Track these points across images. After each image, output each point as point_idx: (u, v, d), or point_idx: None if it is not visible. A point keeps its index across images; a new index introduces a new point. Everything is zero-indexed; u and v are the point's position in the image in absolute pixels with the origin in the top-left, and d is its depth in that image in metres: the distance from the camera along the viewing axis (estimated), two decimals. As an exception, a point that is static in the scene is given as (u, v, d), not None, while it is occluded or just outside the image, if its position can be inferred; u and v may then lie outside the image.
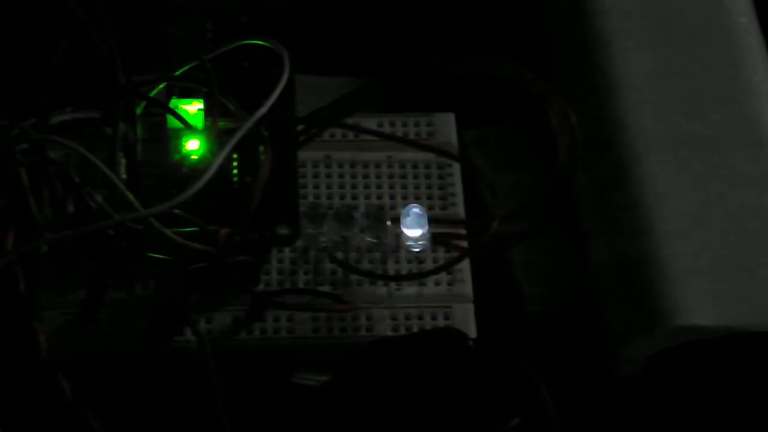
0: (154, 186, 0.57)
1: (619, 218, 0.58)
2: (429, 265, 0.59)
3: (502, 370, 0.55)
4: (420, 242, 0.58)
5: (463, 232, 0.60)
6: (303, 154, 0.60)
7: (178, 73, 0.58)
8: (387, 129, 0.62)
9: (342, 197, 0.61)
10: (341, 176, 0.61)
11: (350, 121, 0.61)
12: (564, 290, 0.60)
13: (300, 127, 0.59)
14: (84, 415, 0.53)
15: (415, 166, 0.62)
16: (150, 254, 0.56)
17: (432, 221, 0.58)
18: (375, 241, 0.58)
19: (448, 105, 0.63)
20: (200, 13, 0.61)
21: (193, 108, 0.58)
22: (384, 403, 0.54)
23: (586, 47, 0.61)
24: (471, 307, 0.59)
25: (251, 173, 0.57)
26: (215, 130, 0.57)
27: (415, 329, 0.58)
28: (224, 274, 0.55)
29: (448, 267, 0.58)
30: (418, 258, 0.59)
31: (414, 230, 0.58)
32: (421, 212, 0.58)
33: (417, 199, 0.60)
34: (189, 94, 0.59)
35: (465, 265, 0.59)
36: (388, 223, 0.58)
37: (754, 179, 0.58)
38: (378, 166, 0.61)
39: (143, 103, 0.58)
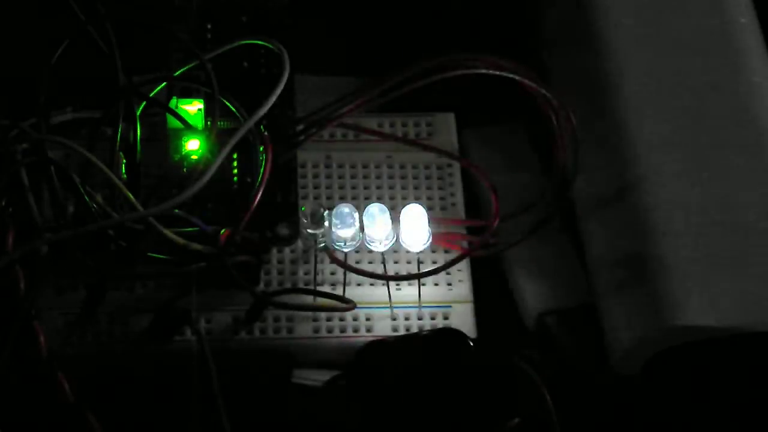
0: (154, 186, 0.57)
1: (618, 218, 0.58)
2: (429, 265, 0.59)
3: (502, 370, 0.55)
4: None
5: (463, 232, 0.61)
6: (303, 154, 0.60)
7: (178, 73, 0.58)
8: (387, 129, 0.62)
9: (342, 197, 0.61)
10: (341, 176, 0.61)
11: (350, 121, 0.61)
12: (564, 290, 0.60)
13: (300, 127, 0.59)
14: (84, 415, 0.53)
15: (415, 166, 0.62)
16: (150, 254, 0.56)
17: (432, 221, 0.58)
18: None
19: (448, 105, 0.63)
20: (200, 13, 0.61)
21: (193, 108, 0.58)
22: (384, 403, 0.54)
23: (586, 47, 0.61)
24: (471, 307, 0.59)
25: (251, 173, 0.57)
26: (215, 130, 0.57)
27: (415, 329, 0.58)
28: (224, 274, 0.55)
29: (448, 267, 0.58)
30: (419, 258, 0.59)
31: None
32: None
33: (417, 199, 0.60)
34: (189, 94, 0.59)
35: (465, 265, 0.59)
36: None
37: (754, 179, 0.58)
38: (378, 166, 0.61)
39: (143, 103, 0.58)
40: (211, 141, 0.57)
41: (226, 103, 0.58)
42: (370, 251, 0.58)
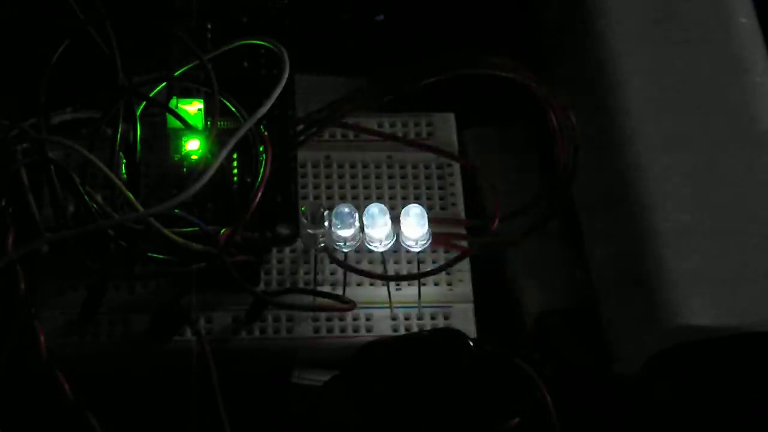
0: (154, 186, 0.57)
1: (619, 218, 0.58)
2: (429, 265, 0.59)
3: (501, 370, 0.55)
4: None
5: (463, 232, 0.61)
6: (303, 154, 0.60)
7: (178, 73, 0.58)
8: (387, 129, 0.62)
9: (342, 197, 0.61)
10: (341, 176, 0.61)
11: (350, 121, 0.61)
12: (564, 290, 0.60)
13: (300, 127, 0.59)
14: (84, 415, 0.53)
15: (415, 166, 0.62)
16: (150, 254, 0.56)
17: (432, 221, 0.58)
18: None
19: (448, 105, 0.63)
20: (200, 13, 0.61)
21: (193, 108, 0.58)
22: (384, 403, 0.54)
23: (586, 47, 0.61)
24: (471, 307, 0.59)
25: (251, 173, 0.57)
26: (215, 130, 0.57)
27: (415, 329, 0.58)
28: (224, 274, 0.55)
29: (448, 267, 0.58)
30: (419, 258, 0.59)
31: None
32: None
33: (417, 199, 0.60)
34: (189, 93, 0.59)
35: (465, 265, 0.59)
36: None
37: (754, 179, 0.58)
38: (378, 166, 0.61)
39: (143, 103, 0.58)
40: (211, 141, 0.57)
41: (226, 103, 0.58)
42: (371, 251, 0.58)
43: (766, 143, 0.58)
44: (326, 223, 0.56)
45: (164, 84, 0.58)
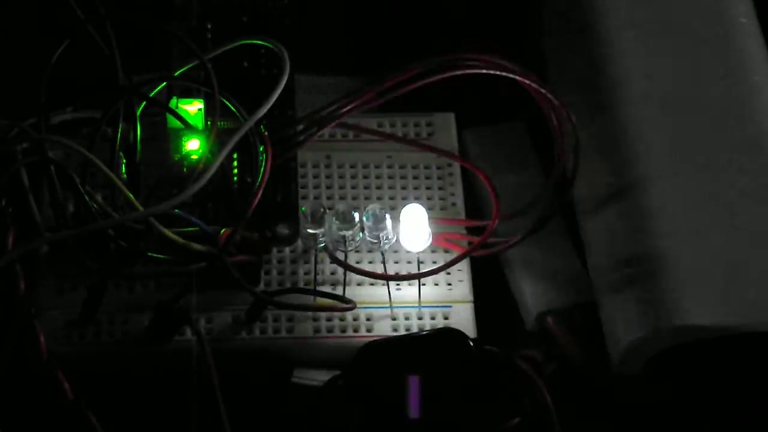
0: (155, 186, 0.57)
1: (619, 218, 0.58)
2: (429, 265, 0.59)
3: (501, 370, 0.55)
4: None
5: (463, 232, 0.61)
6: (303, 154, 0.60)
7: (178, 72, 0.58)
8: (387, 129, 0.62)
9: (342, 197, 0.61)
10: (341, 176, 0.61)
11: (350, 121, 0.61)
12: (564, 290, 0.60)
13: (300, 127, 0.59)
14: (84, 415, 0.53)
15: (415, 166, 0.62)
16: (150, 254, 0.56)
17: (432, 221, 0.58)
18: (375, 241, 0.58)
19: (448, 105, 0.63)
20: (200, 13, 0.61)
21: (193, 108, 0.58)
22: (384, 403, 0.54)
23: (586, 47, 0.61)
24: (471, 307, 0.59)
25: (251, 173, 0.57)
26: (215, 129, 0.57)
27: (415, 329, 0.58)
28: (224, 274, 0.55)
29: (448, 267, 0.58)
30: (419, 258, 0.59)
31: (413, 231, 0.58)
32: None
33: (417, 199, 0.60)
34: (189, 93, 0.59)
35: (465, 265, 0.59)
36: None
37: (754, 179, 0.58)
38: (378, 166, 0.61)
39: (143, 103, 0.58)
40: (211, 141, 0.57)
41: (227, 103, 0.58)
42: (370, 251, 0.58)
43: (766, 143, 0.58)
44: (327, 223, 0.56)
45: (164, 84, 0.59)
